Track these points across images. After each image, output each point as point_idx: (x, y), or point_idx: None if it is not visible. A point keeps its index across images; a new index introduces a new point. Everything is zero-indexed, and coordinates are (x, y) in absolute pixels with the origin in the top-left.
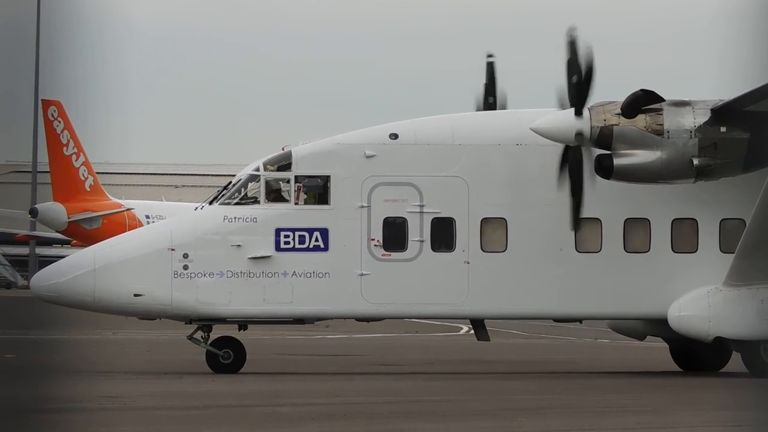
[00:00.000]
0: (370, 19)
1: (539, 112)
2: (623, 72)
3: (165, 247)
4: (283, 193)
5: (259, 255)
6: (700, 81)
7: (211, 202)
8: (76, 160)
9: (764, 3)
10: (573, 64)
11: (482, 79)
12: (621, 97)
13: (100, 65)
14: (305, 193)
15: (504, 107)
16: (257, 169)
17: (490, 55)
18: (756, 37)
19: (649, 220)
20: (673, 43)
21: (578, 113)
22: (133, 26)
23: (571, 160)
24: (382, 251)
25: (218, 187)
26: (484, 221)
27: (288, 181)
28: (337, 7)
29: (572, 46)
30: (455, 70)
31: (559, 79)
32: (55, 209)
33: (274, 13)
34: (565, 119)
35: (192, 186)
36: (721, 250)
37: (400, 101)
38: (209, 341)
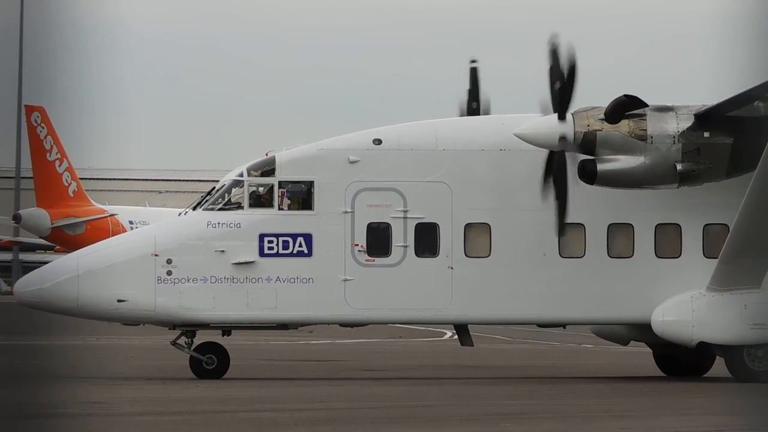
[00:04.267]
0: (354, 25)
1: (523, 117)
2: (607, 77)
3: (148, 252)
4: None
5: (242, 260)
6: (684, 86)
7: (194, 208)
8: (59, 166)
9: (751, 10)
10: (556, 69)
11: (465, 85)
12: (605, 102)
13: (84, 71)
14: (289, 199)
15: (487, 112)
16: (241, 175)
17: (473, 61)
18: (741, 43)
19: (632, 226)
20: (658, 48)
21: (562, 118)
22: (117, 32)
23: (555, 166)
24: (366, 257)
25: (202, 192)
26: (468, 226)
27: (271, 187)
28: (321, 13)
29: (555, 51)
30: (438, 76)
31: (542, 84)
32: (38, 215)
33: (259, 20)
34: (549, 124)
35: (176, 191)
36: (704, 255)
37: (383, 107)
38: (193, 347)
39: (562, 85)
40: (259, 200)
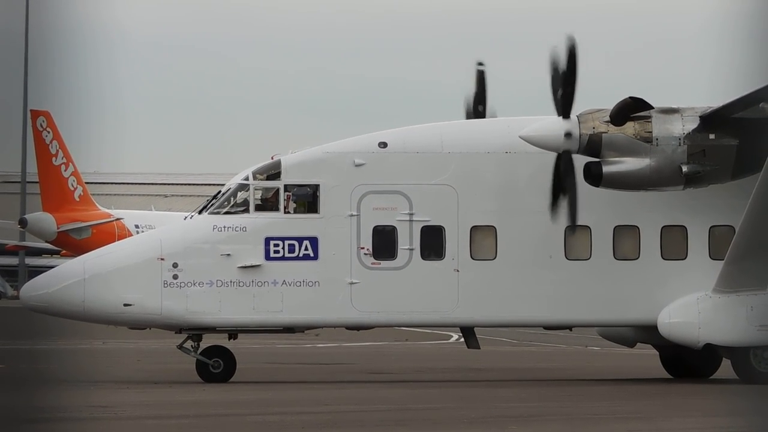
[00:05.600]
0: (359, 28)
1: (528, 119)
2: (611, 79)
3: (154, 256)
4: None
5: (248, 264)
6: (689, 88)
7: (200, 212)
8: (65, 170)
9: (754, 10)
10: (559, 71)
11: (471, 88)
12: (609, 104)
13: (89, 75)
14: (295, 202)
15: (493, 115)
16: (246, 179)
17: (480, 63)
18: (745, 44)
19: (638, 227)
20: (663, 50)
21: (567, 120)
22: (122, 36)
23: (561, 167)
24: (372, 259)
25: (208, 196)
26: (474, 229)
27: (276, 191)
28: (325, 17)
29: (557, 54)
30: (443, 79)
31: (546, 87)
32: (44, 219)
33: (264, 23)
34: (554, 127)
35: (181, 195)
36: (710, 257)
37: (388, 110)
38: (199, 350)
39: (566, 88)
40: (265, 204)
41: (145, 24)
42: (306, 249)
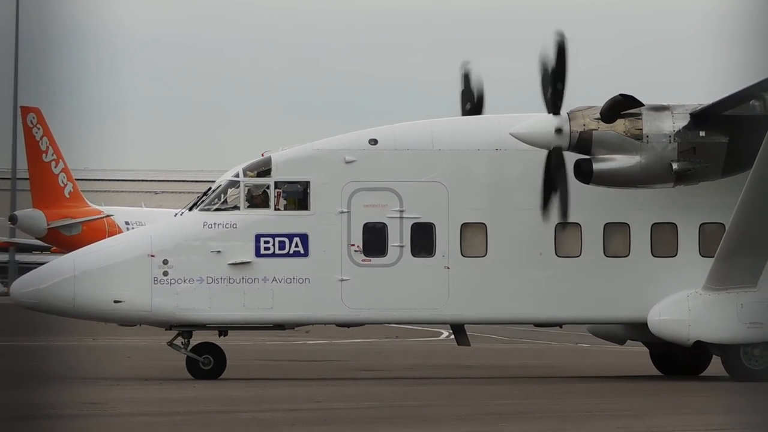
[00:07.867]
0: (350, 26)
1: (519, 117)
2: (603, 77)
3: (145, 253)
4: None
5: (239, 261)
6: (680, 86)
7: (190, 208)
8: (55, 167)
9: (746, 9)
10: (550, 68)
11: (460, 85)
12: (600, 101)
13: (80, 72)
14: (285, 199)
15: (483, 112)
16: (237, 175)
17: (466, 62)
18: (735, 42)
19: (628, 225)
20: (653, 48)
21: (557, 118)
22: (113, 32)
23: (552, 164)
24: (362, 256)
25: (198, 193)
26: (464, 226)
27: (267, 188)
28: (316, 14)
29: (548, 51)
30: (434, 76)
31: (538, 84)
32: (34, 216)
33: (255, 21)
34: (545, 124)
35: (172, 192)
36: (700, 254)
37: (379, 107)
38: (189, 347)
39: (556, 85)
40: (255, 201)
41: (136, 21)
42: (296, 246)
